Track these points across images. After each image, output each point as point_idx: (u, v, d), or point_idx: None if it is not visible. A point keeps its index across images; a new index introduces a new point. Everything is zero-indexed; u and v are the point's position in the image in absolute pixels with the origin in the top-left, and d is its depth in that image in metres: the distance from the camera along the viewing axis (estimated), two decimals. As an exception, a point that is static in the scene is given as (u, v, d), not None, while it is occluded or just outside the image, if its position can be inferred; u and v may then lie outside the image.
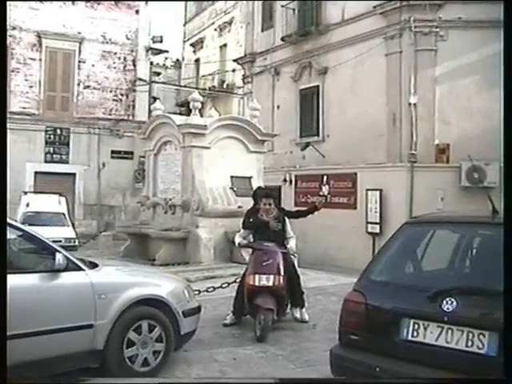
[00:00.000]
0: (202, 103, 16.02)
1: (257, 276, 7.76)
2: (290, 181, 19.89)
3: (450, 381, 3.82)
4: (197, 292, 8.31)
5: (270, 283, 7.73)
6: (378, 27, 17.10)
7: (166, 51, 29.39)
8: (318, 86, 19.50)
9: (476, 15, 15.68)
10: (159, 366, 5.98)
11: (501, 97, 13.40)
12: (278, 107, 21.17)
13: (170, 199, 13.91)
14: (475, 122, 15.62)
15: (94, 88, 24.73)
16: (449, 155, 15.81)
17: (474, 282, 4.36)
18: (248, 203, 9.90)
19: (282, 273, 7.86)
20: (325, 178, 18.52)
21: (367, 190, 16.71)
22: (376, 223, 16.37)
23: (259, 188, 9.87)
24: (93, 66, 24.69)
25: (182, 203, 13.45)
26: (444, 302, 4.05)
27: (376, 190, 16.42)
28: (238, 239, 8.49)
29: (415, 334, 4.17)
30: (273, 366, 6.49)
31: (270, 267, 7.80)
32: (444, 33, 16.07)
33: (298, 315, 8.43)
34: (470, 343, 3.95)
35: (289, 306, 8.40)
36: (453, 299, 4.03)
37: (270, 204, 8.34)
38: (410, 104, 16.01)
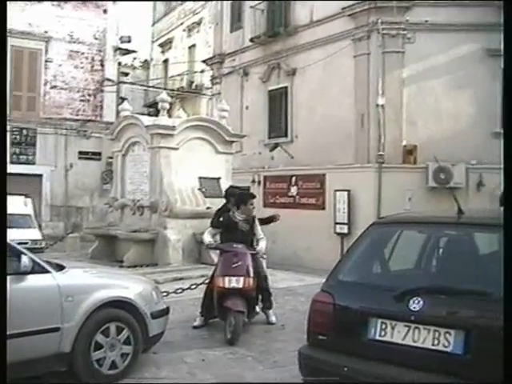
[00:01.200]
0: (171, 104, 15.98)
1: (226, 278, 7.70)
2: (259, 182, 19.90)
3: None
4: (165, 293, 8.26)
5: (240, 285, 7.68)
6: (347, 29, 17.20)
7: (135, 51, 29.22)
8: (286, 87, 19.56)
9: (443, 18, 15.90)
10: (127, 368, 5.94)
11: (471, 98, 13.53)
12: (247, 108, 21.18)
13: (138, 200, 13.82)
14: (442, 124, 15.82)
15: (61, 88, 24.47)
16: (416, 156, 15.98)
17: (441, 282, 4.40)
18: (216, 204, 9.90)
19: (252, 274, 7.84)
20: (293, 178, 18.59)
21: (335, 190, 16.80)
22: (344, 224, 16.46)
23: (239, 188, 9.86)
24: (60, 65, 24.43)
25: (150, 204, 13.38)
26: (411, 301, 4.08)
27: (344, 190, 16.52)
28: (206, 238, 8.41)
29: (383, 333, 4.21)
30: (242, 368, 6.49)
31: (239, 269, 7.75)
32: (411, 35, 16.24)
33: (265, 317, 8.46)
34: (436, 342, 3.99)
35: (258, 308, 8.42)
36: (420, 299, 4.07)
37: (251, 204, 8.37)
38: (377, 105, 16.14)
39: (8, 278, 5.23)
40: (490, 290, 4.04)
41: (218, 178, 13.90)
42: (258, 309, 8.40)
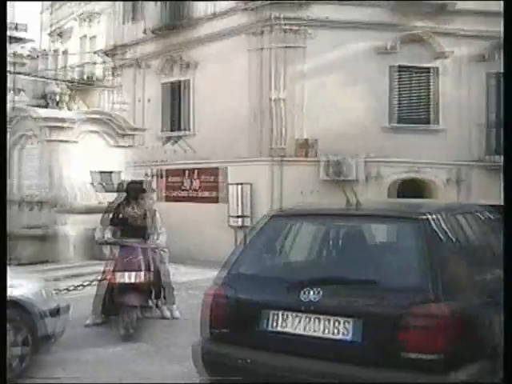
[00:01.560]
0: (68, 96, 15.55)
1: (119, 273, 7.65)
2: (160, 175, 19.65)
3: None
4: (60, 291, 8.03)
5: (132, 280, 7.62)
6: (247, 23, 17.22)
7: (31, 41, 28.16)
8: (187, 80, 19.38)
9: (342, 16, 16.24)
10: (23, 370, 5.72)
11: (364, 94, 13.91)
12: (149, 101, 20.83)
13: (34, 195, 13.39)
14: (337, 118, 16.15)
15: (-50, 78, 23.23)
16: (313, 150, 16.28)
17: (334, 272, 4.51)
18: (112, 199, 9.69)
19: (147, 269, 7.78)
20: (194, 172, 18.51)
21: (234, 184, 16.85)
22: (242, 216, 16.57)
23: (132, 182, 9.50)
24: None
25: (46, 200, 12.98)
26: (306, 292, 4.16)
27: (242, 184, 16.59)
28: (97, 235, 8.35)
29: (276, 324, 4.26)
30: (144, 363, 6.43)
31: (133, 264, 7.70)
32: (312, 31, 16.49)
33: (168, 312, 8.42)
34: (330, 331, 4.10)
35: (159, 303, 8.33)
36: (314, 289, 4.16)
37: (142, 199, 8.29)
38: (277, 99, 16.30)
39: None
40: (380, 279, 4.20)
41: (117, 172, 13.65)
42: (159, 304, 8.33)
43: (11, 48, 25.50)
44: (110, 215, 8.31)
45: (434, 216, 4.38)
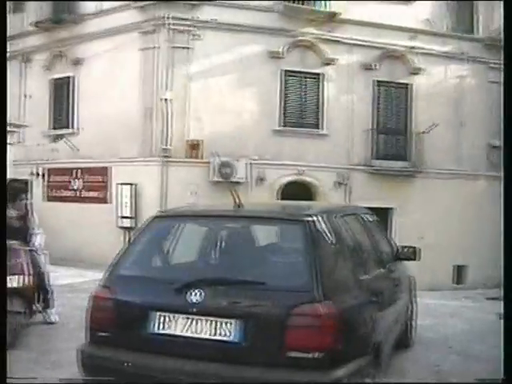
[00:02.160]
0: None
1: None
2: (43, 174, 18.99)
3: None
4: None
5: (15, 284, 7.24)
6: (135, 21, 16.99)
7: None
8: (71, 77, 18.84)
9: (230, 18, 16.40)
10: None
11: (254, 97, 14.09)
12: (30, 97, 20.04)
13: None
14: (226, 120, 16.32)
15: None
16: (201, 151, 16.30)
17: (220, 273, 4.52)
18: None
19: (29, 272, 7.46)
20: (78, 171, 18.05)
21: (120, 184, 16.59)
22: (129, 217, 16.34)
23: (13, 181, 8.87)
24: None
25: None
26: (191, 293, 4.15)
27: (129, 184, 16.39)
28: None
29: (163, 326, 4.23)
30: (20, 371, 6.15)
31: (14, 267, 7.30)
32: (200, 32, 16.51)
33: (46, 317, 8.12)
34: (215, 332, 4.10)
35: (39, 307, 8.04)
36: (199, 291, 4.15)
37: (21, 199, 7.96)
38: (164, 100, 16.21)
39: None
40: (265, 279, 4.24)
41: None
42: (38, 308, 7.98)
43: None
44: None
45: (318, 217, 4.48)
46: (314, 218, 4.44)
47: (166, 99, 16.21)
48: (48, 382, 5.41)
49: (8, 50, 20.21)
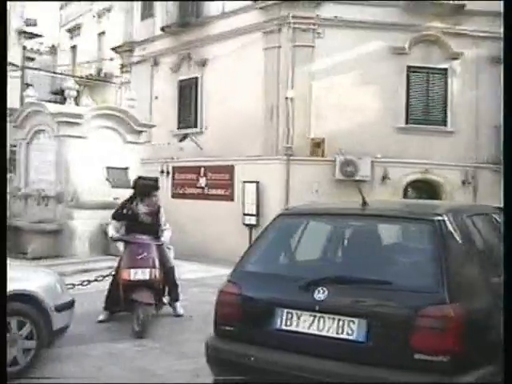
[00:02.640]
0: (78, 92, 15.54)
1: (132, 270, 7.60)
2: (168, 172, 19.74)
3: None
4: (71, 286, 8.08)
5: (146, 277, 7.61)
6: (258, 21, 17.28)
7: (41, 35, 28.23)
8: (197, 78, 19.46)
9: (352, 15, 16.26)
10: (30, 364, 5.75)
11: (377, 94, 13.93)
12: (157, 98, 20.92)
13: (43, 190, 13.40)
14: (349, 118, 16.18)
15: (-40, 72, 23.33)
16: (324, 149, 16.27)
17: (345, 272, 4.49)
18: (124, 195, 9.69)
19: (158, 266, 7.77)
20: (202, 169, 18.56)
21: (244, 182, 16.90)
22: (253, 215, 16.57)
23: (143, 178, 9.29)
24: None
25: (55, 194, 13.00)
26: (316, 291, 4.15)
27: (253, 182, 16.63)
28: (111, 231, 8.28)
29: (288, 323, 4.26)
30: (150, 359, 6.44)
31: (145, 261, 7.68)
32: (321, 30, 16.50)
33: (172, 309, 8.41)
34: (340, 330, 4.08)
35: (166, 300, 8.35)
36: (324, 288, 4.14)
37: (154, 196, 8.30)
38: (287, 98, 16.33)
39: None
40: (391, 279, 4.17)
41: (126, 168, 13.66)
42: (165, 301, 8.33)
43: (22, 43, 25.60)
44: (124, 211, 8.29)
45: (446, 217, 4.35)
46: (443, 218, 4.31)
47: (288, 98, 16.32)
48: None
49: (138, 54, 21.32)
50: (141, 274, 7.59)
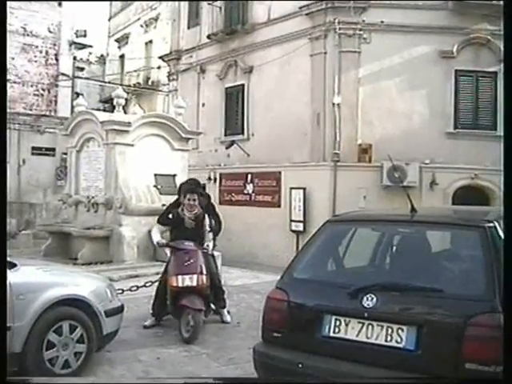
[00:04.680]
0: (127, 100, 15.80)
1: (180, 277, 7.59)
2: (215, 179, 19.87)
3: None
4: (120, 291, 8.19)
5: (194, 283, 7.59)
6: (304, 28, 17.27)
7: (90, 46, 28.82)
8: (243, 85, 19.56)
9: (398, 20, 16.10)
10: (81, 367, 5.87)
11: (425, 99, 13.72)
12: (204, 105, 21.11)
13: (93, 197, 13.65)
14: (396, 123, 16.03)
15: (14, 82, 23.97)
16: (371, 155, 16.14)
17: (394, 279, 4.45)
18: (172, 201, 9.79)
19: (205, 272, 7.75)
20: (249, 176, 18.62)
21: (291, 188, 16.88)
22: (300, 221, 16.54)
23: (185, 182, 9.31)
24: (12, 58, 23.92)
25: (104, 201, 13.22)
26: (364, 298, 4.13)
27: (300, 188, 16.61)
28: (155, 236, 8.27)
29: (337, 330, 4.25)
30: (197, 365, 6.48)
31: (192, 267, 7.65)
32: (367, 35, 16.41)
33: (219, 316, 8.39)
34: (389, 338, 4.05)
35: (214, 306, 8.34)
36: (373, 295, 4.12)
37: (194, 200, 8.10)
38: (333, 104, 16.25)
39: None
40: (441, 287, 4.12)
41: (174, 175, 13.81)
42: (213, 307, 8.33)
43: (72, 53, 26.16)
44: (166, 217, 8.34)
45: (499, 223, 4.26)
46: (493, 224, 4.24)
47: (335, 104, 16.25)
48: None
49: (185, 62, 21.57)
50: (188, 281, 7.58)
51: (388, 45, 16.16)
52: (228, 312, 8.53)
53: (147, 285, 9.37)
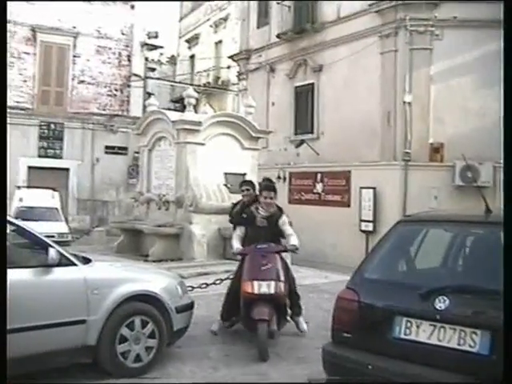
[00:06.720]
0: (197, 99, 16.01)
1: (256, 282, 6.76)
2: (284, 178, 19.89)
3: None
4: (190, 288, 8.26)
5: (272, 291, 6.75)
6: (374, 25, 17.11)
7: (161, 47, 29.38)
8: (313, 84, 19.51)
9: (471, 14, 15.71)
10: (152, 362, 5.98)
11: (500, 96, 13.46)
12: (273, 104, 21.17)
13: (164, 195, 13.90)
14: (469, 121, 15.66)
15: (89, 83, 24.70)
16: (443, 154, 15.83)
17: (467, 281, 4.35)
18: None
19: (283, 279, 6.94)
20: (319, 175, 18.54)
21: (361, 188, 16.74)
22: (369, 221, 16.38)
23: (263, 180, 8.63)
24: (87, 60, 24.65)
25: (175, 199, 13.44)
26: (437, 300, 4.05)
27: (370, 188, 16.45)
28: (235, 244, 7.44)
29: (408, 331, 4.17)
30: (266, 364, 6.48)
31: (269, 272, 6.84)
32: (439, 32, 16.09)
33: (294, 324, 7.62)
34: (461, 342, 3.95)
35: (290, 314, 7.51)
36: (445, 298, 4.03)
37: (271, 198, 7.41)
38: (404, 102, 16.02)
39: (35, 270, 5.31)
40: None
41: (244, 174, 13.89)
42: (288, 318, 7.46)
43: (144, 55, 26.73)
44: (240, 217, 7.62)
45: None
46: None
47: (406, 102, 16.00)
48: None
49: (255, 61, 21.73)
50: (265, 287, 6.75)
51: (461, 41, 15.80)
52: (306, 322, 7.75)
53: (217, 282, 9.46)
